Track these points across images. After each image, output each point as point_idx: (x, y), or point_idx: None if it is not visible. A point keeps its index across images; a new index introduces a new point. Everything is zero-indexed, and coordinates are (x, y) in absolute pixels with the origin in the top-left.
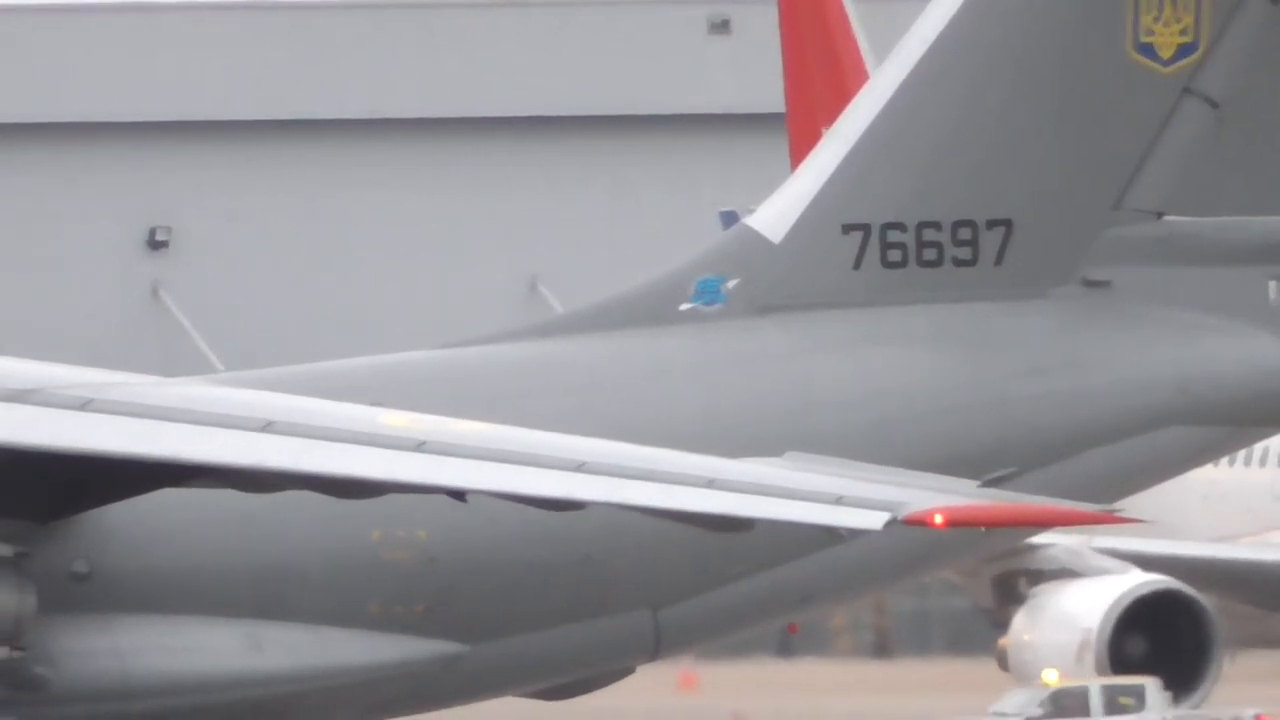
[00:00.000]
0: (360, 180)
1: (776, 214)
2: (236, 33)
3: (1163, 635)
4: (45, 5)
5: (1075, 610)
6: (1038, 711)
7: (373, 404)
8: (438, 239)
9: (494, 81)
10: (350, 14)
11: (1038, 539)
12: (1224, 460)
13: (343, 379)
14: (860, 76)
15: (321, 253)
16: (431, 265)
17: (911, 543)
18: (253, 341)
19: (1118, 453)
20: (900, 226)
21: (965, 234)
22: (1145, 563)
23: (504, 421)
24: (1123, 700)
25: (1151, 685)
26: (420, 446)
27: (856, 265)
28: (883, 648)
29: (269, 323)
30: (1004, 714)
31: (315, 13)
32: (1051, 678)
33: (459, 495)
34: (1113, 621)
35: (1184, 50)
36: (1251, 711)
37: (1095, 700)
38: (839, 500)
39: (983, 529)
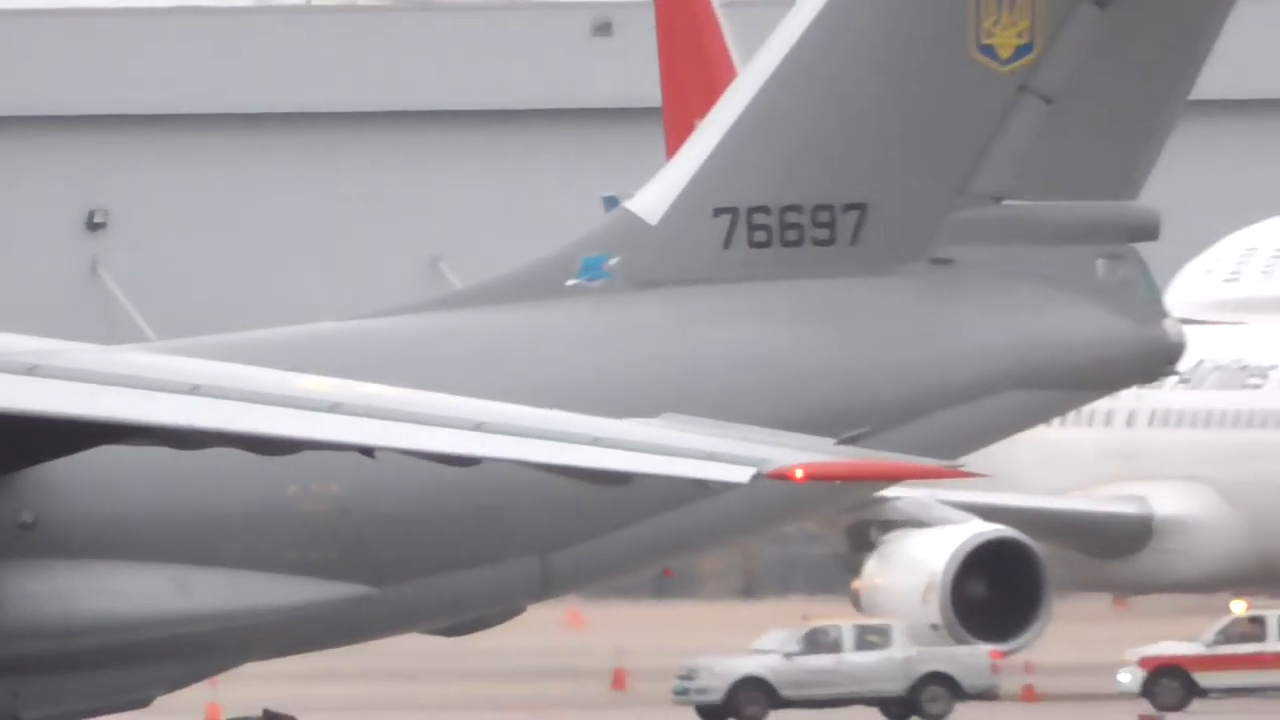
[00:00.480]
0: (278, 168)
1: (654, 199)
2: (161, 34)
3: (1000, 579)
4: None
5: (921, 556)
6: (795, 648)
7: (290, 370)
8: (348, 222)
9: (396, 79)
10: (267, 15)
11: (888, 492)
12: (1056, 421)
13: (263, 347)
14: (729, 74)
15: (243, 235)
16: (343, 246)
17: (775, 495)
18: (182, 313)
19: (961, 414)
20: (765, 210)
21: (824, 216)
22: (985, 513)
23: (409, 386)
24: (871, 638)
25: (896, 626)
26: (333, 408)
27: (726, 245)
28: (749, 590)
29: (197, 296)
30: (764, 650)
31: (234, 15)
32: (809, 619)
33: (368, 452)
34: (955, 566)
35: (1021, 51)
36: (985, 647)
37: (847, 638)
38: (709, 456)
39: (838, 482)
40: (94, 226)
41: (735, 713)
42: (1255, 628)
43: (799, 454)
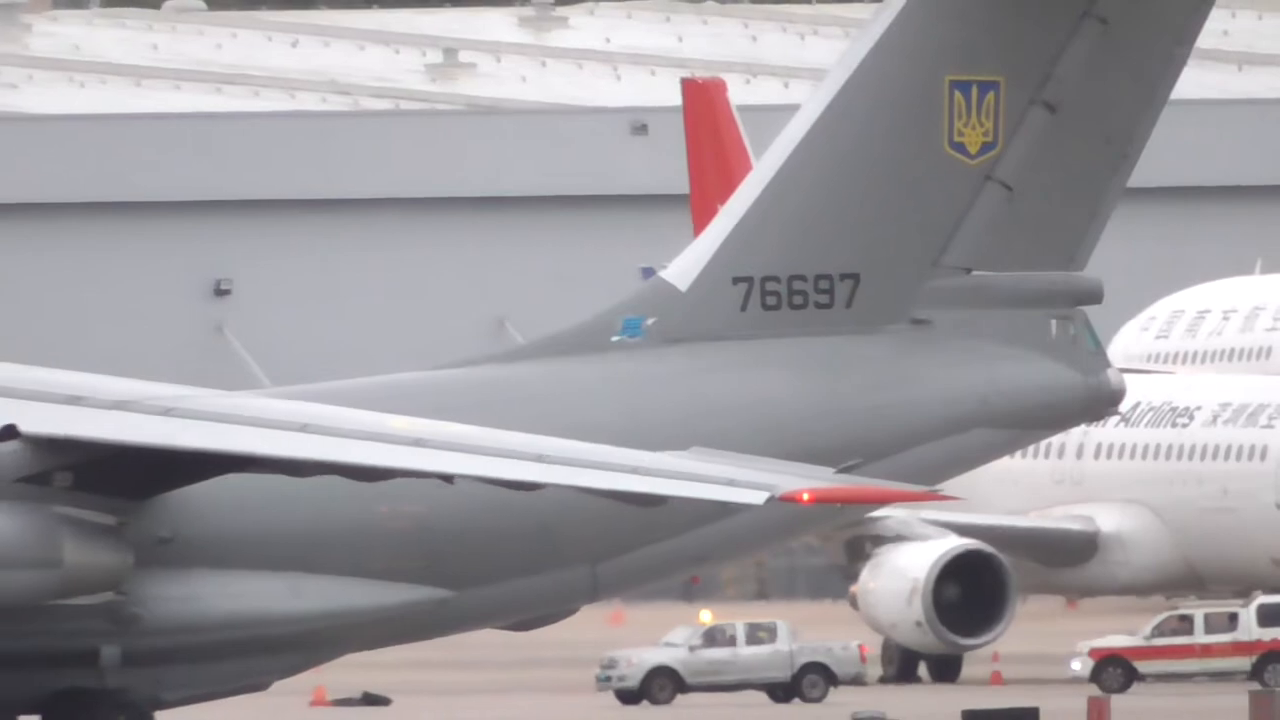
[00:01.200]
0: (370, 244)
1: (683, 269)
2: (273, 134)
3: (972, 584)
4: (137, 114)
5: (906, 565)
6: (697, 642)
7: (383, 411)
8: (429, 288)
9: (468, 170)
10: (359, 119)
11: (879, 512)
12: (1017, 454)
13: (360, 392)
14: (746, 167)
15: (343, 299)
16: (425, 308)
17: (784, 514)
18: (293, 364)
19: (937, 448)
20: (775, 279)
21: (824, 284)
22: (959, 530)
23: (481, 424)
24: (760, 635)
25: (781, 624)
26: (417, 442)
27: (743, 308)
28: (762, 594)
29: (306, 350)
30: (673, 644)
31: (331, 118)
32: (706, 617)
33: (448, 479)
34: (935, 574)
35: (986, 147)
36: (855, 642)
37: (740, 634)
38: (730, 483)
39: (838, 504)
40: (220, 293)
41: (648, 697)
42: (1184, 624)
43: (805, 480)
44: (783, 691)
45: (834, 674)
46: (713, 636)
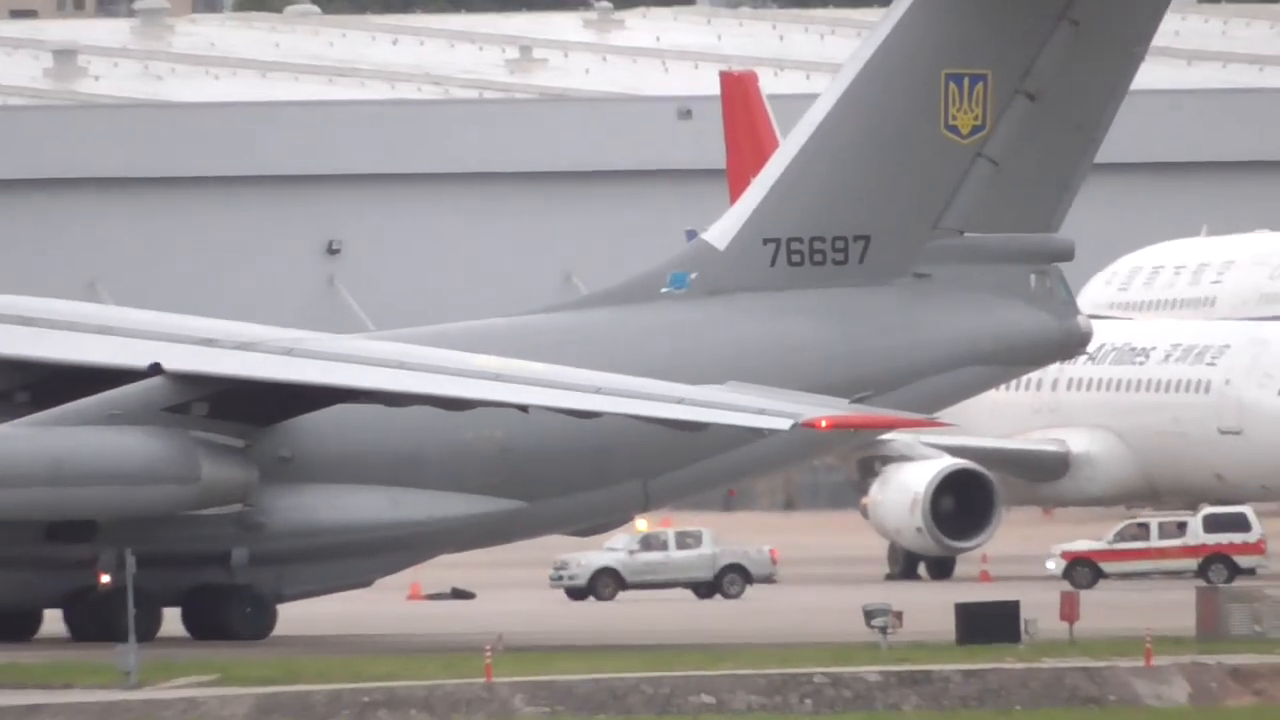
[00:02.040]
0: (461, 212)
1: (721, 232)
2: (377, 117)
3: (963, 496)
4: (263, 102)
5: (909, 481)
6: (635, 547)
7: (469, 351)
8: (508, 249)
9: (542, 149)
10: (451, 105)
11: (886, 436)
12: (1002, 387)
13: (451, 336)
14: (773, 146)
15: (438, 257)
16: (504, 265)
17: (807, 438)
18: (393, 312)
19: (935, 382)
20: (799, 239)
21: (840, 244)
22: (953, 451)
23: (551, 362)
24: (688, 540)
25: (706, 532)
26: (497, 377)
27: (772, 264)
28: (789, 504)
29: (403, 300)
30: (614, 548)
31: (426, 105)
32: (642, 525)
33: (523, 408)
34: (932, 488)
35: (976, 129)
36: (768, 547)
37: (671, 540)
38: (761, 411)
39: (852, 430)
40: (332, 252)
41: (594, 593)
42: (1142, 531)
43: (824, 410)
44: (706, 589)
45: (750, 574)
46: (648, 542)
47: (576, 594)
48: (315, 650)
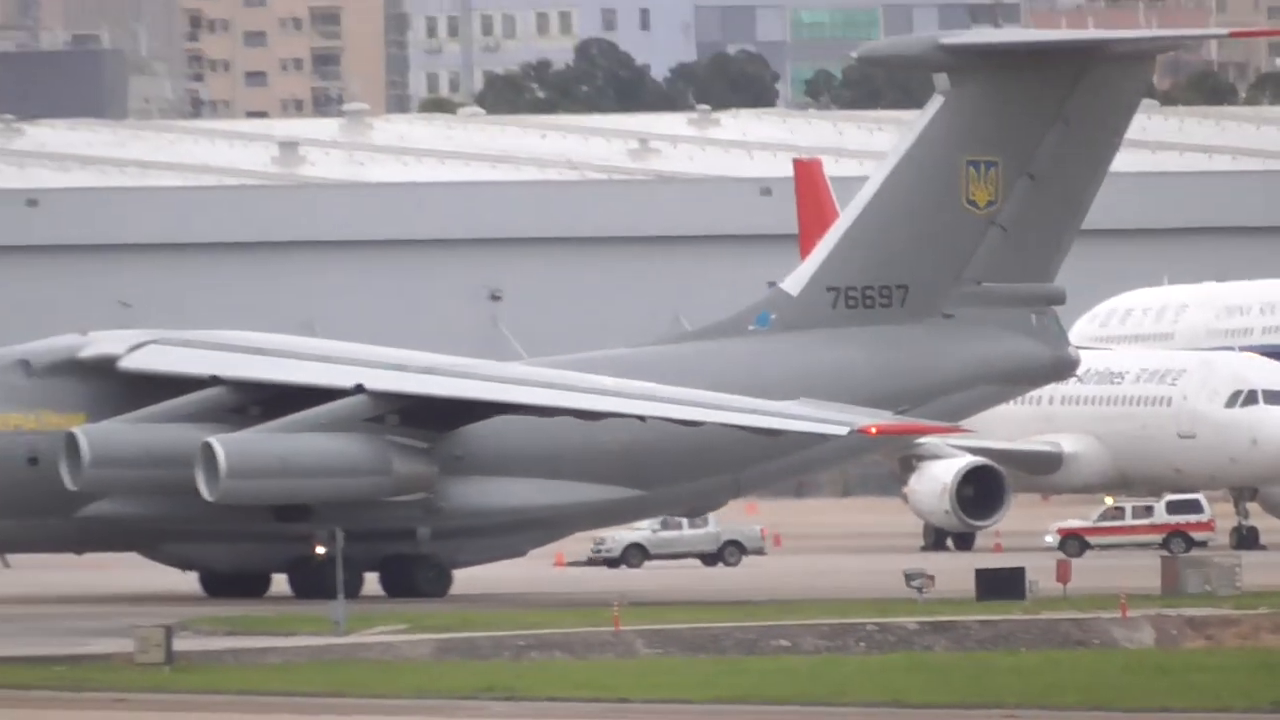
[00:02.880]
0: (593, 267)
1: (794, 282)
2: (528, 195)
3: (981, 486)
4: (441, 183)
5: (939, 474)
6: (658, 526)
7: (600, 374)
8: (630, 295)
9: (656, 219)
10: (588, 186)
11: (921, 440)
12: (1010, 402)
13: (589, 362)
14: (834, 216)
15: (577, 300)
16: (628, 307)
17: (859, 442)
18: (543, 344)
19: (957, 398)
20: (854, 288)
21: (885, 292)
22: (972, 451)
23: (664, 383)
24: (698, 522)
25: (711, 516)
26: (621, 394)
27: (833, 307)
28: (847, 492)
29: (552, 334)
30: (640, 528)
31: (570, 185)
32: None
33: (641, 418)
34: (957, 479)
35: (990, 203)
36: (759, 526)
37: (684, 521)
38: (823, 420)
39: (895, 435)
40: (494, 298)
41: (625, 562)
42: (1118, 513)
43: (873, 419)
44: (710, 559)
45: (745, 547)
46: (667, 523)
47: (612, 563)
48: (483, 605)
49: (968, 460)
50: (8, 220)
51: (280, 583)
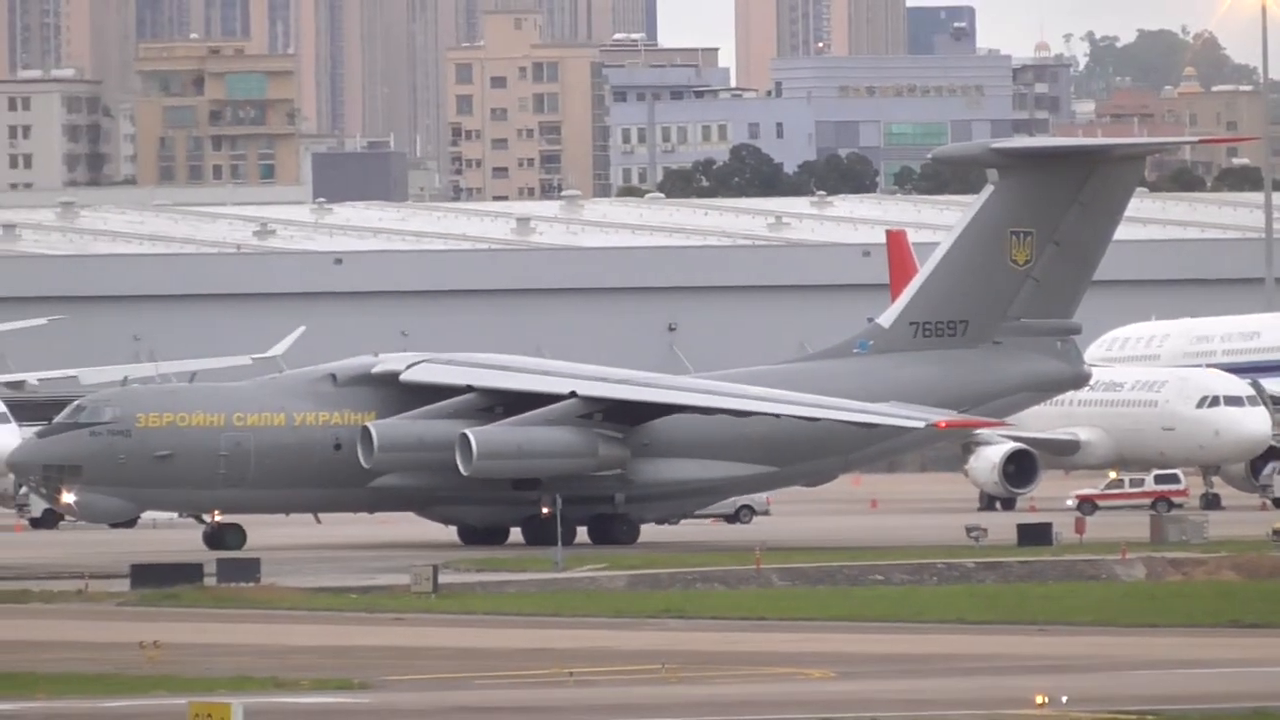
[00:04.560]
0: (747, 306)
1: (887, 318)
2: (701, 255)
3: (1021, 464)
4: (637, 247)
5: (990, 455)
6: None
7: (748, 384)
8: (771, 326)
9: (793, 273)
10: (741, 250)
11: (977, 431)
12: (1042, 403)
13: (739, 376)
14: (914, 271)
15: (733, 331)
16: (769, 336)
17: (932, 433)
18: (707, 363)
19: (1003, 402)
20: (930, 322)
21: (952, 325)
22: (1014, 439)
23: (793, 390)
24: None
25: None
26: (762, 399)
27: (914, 336)
28: (923, 468)
29: (714, 355)
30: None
31: (731, 250)
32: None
33: (776, 416)
34: (1004, 459)
35: (1027, 261)
36: (765, 495)
37: None
38: (907, 418)
39: (958, 428)
40: (671, 329)
41: (665, 521)
42: (1120, 483)
43: (942, 416)
44: (728, 519)
45: (754, 510)
46: None
47: (661, 521)
48: (661, 550)
49: (1011, 445)
50: (321, 274)
51: (516, 534)
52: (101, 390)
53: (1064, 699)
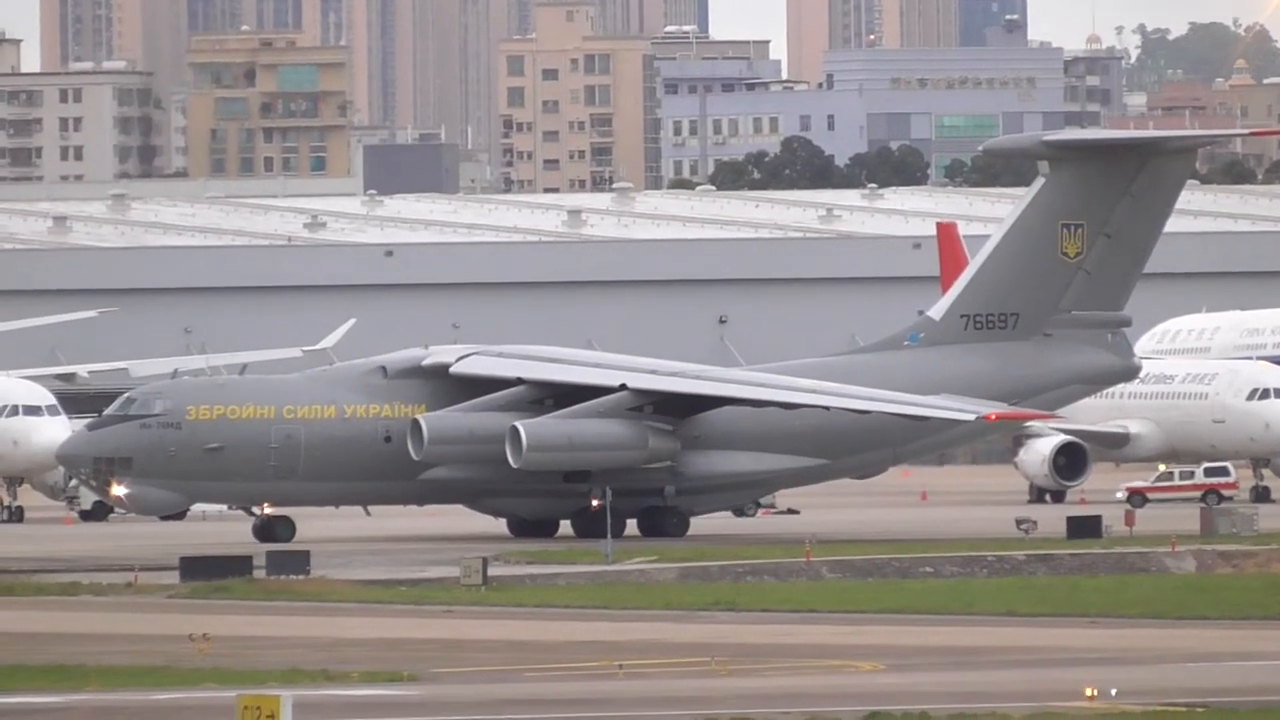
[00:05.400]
0: (796, 299)
1: (937, 310)
2: (751, 247)
3: (1071, 457)
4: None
5: (1041, 448)
6: None
7: (798, 377)
8: (820, 320)
9: (844, 265)
10: (793, 241)
11: (1028, 424)
12: (1093, 395)
13: (790, 368)
14: (965, 263)
15: (784, 323)
16: (819, 329)
17: (983, 426)
18: (758, 356)
19: (1054, 394)
20: (980, 315)
21: (1003, 318)
22: (1064, 431)
23: (843, 383)
24: None
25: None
26: (812, 391)
27: (965, 329)
28: (974, 461)
29: (763, 348)
30: None
31: (782, 241)
32: None
33: (826, 409)
34: (1054, 451)
35: (1078, 254)
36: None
37: None
38: (959, 410)
39: (1009, 421)
40: (722, 322)
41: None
42: (1170, 476)
43: (993, 408)
44: (737, 511)
45: (759, 503)
46: None
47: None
48: (711, 543)
49: (1061, 438)
50: (373, 266)
51: (566, 527)
52: (152, 383)
53: (1113, 692)
